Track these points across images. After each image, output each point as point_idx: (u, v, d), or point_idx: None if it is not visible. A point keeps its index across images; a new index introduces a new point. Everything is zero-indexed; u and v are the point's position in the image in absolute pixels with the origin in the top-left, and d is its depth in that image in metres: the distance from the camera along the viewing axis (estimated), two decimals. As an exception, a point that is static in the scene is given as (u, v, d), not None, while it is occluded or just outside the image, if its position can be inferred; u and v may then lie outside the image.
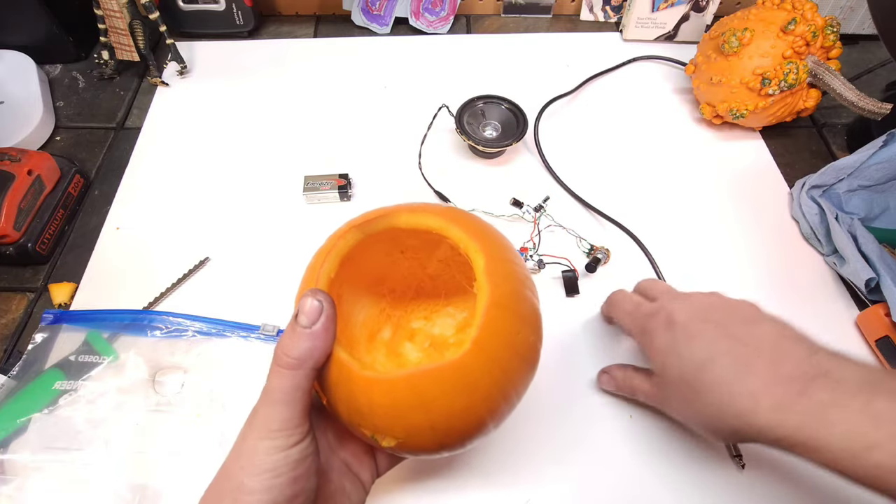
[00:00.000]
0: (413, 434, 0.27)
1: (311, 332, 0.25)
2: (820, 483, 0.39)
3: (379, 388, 0.26)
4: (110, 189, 0.56)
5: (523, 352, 0.28)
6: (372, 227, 0.31)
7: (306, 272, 0.30)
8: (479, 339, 0.26)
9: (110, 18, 0.60)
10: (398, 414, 0.26)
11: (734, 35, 0.53)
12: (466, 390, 0.26)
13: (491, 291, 0.27)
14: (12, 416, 0.41)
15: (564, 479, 0.40)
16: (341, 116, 0.62)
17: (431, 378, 0.26)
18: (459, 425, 0.27)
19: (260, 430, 0.25)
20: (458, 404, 0.26)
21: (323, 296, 0.26)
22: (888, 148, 0.50)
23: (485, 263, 0.28)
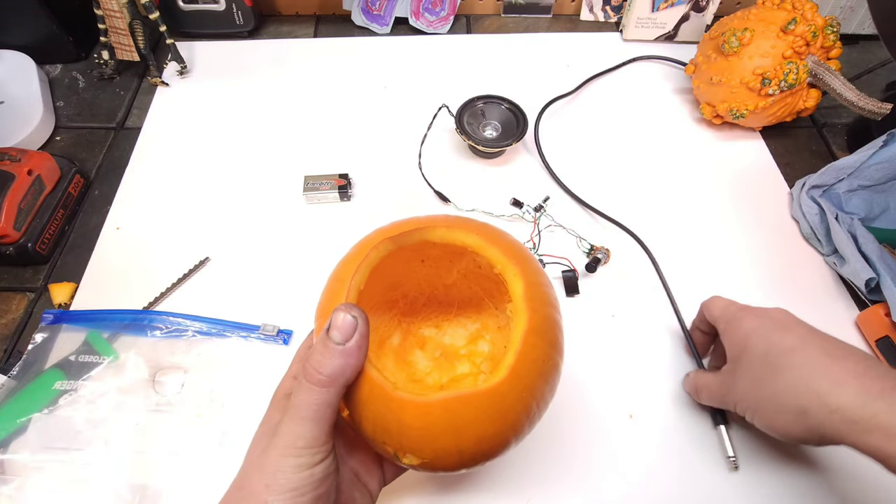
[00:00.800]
0: (440, 456, 0.26)
1: (345, 349, 0.24)
2: (813, 484, 0.39)
3: (412, 410, 0.25)
4: (110, 189, 0.56)
5: (551, 376, 0.28)
6: (405, 240, 0.30)
7: (333, 281, 0.30)
8: (516, 366, 0.26)
9: (110, 18, 0.60)
10: (429, 437, 0.26)
11: (734, 35, 0.53)
12: (500, 417, 0.26)
13: (529, 318, 0.27)
14: (12, 416, 0.41)
15: (564, 480, 0.40)
16: (341, 116, 0.62)
17: (467, 404, 0.25)
18: (486, 448, 0.27)
19: (286, 447, 0.24)
20: (490, 430, 0.26)
21: (357, 311, 0.25)
22: (888, 148, 0.50)
23: (523, 289, 0.28)
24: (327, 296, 0.29)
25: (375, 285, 0.31)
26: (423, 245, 0.31)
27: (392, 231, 0.30)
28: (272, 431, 0.25)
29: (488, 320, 0.38)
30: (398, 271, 0.36)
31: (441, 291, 0.38)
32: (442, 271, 0.37)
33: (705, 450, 0.41)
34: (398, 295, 0.38)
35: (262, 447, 0.25)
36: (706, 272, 0.50)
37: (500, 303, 0.37)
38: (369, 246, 0.30)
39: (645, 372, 0.44)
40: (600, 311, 0.48)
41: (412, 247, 0.31)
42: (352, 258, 0.30)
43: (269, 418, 0.28)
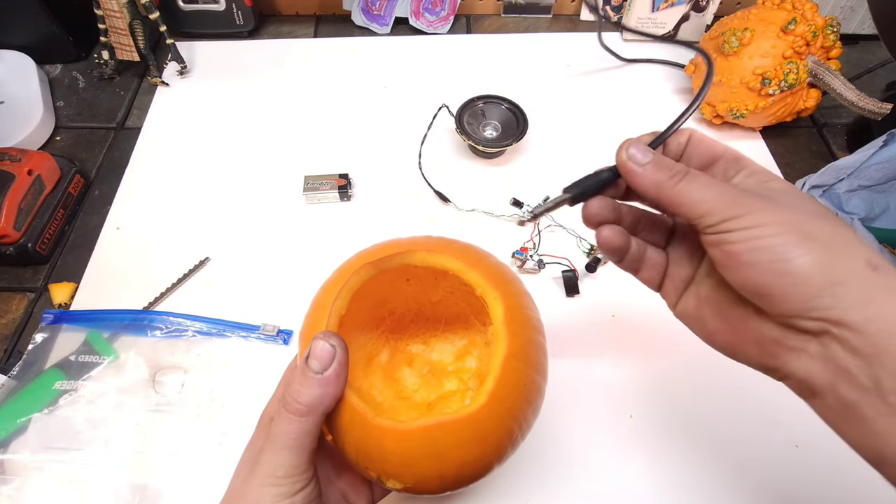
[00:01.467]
0: (422, 481, 0.26)
1: (323, 378, 0.24)
2: (826, 487, 0.39)
3: (393, 437, 0.25)
4: (110, 189, 0.56)
5: (533, 398, 0.28)
6: (386, 265, 0.30)
7: (315, 307, 0.30)
8: (496, 391, 0.26)
9: (110, 18, 0.60)
10: (410, 462, 0.26)
11: (734, 35, 0.53)
12: (480, 442, 0.26)
13: (509, 343, 0.27)
14: (12, 416, 0.41)
15: (564, 479, 0.40)
16: (341, 116, 0.62)
17: (447, 430, 0.25)
18: (468, 473, 0.27)
19: (266, 477, 0.24)
20: (471, 455, 0.26)
21: (336, 339, 0.25)
22: (888, 148, 0.50)
23: (503, 313, 0.28)
24: (309, 321, 0.29)
25: (362, 304, 0.31)
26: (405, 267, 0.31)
27: (373, 255, 0.30)
28: (255, 459, 0.25)
29: (475, 336, 0.38)
30: (384, 289, 0.36)
31: (428, 308, 0.38)
32: (428, 288, 0.37)
33: (708, 449, 0.41)
34: (385, 312, 0.38)
35: (243, 475, 0.25)
36: (706, 272, 0.50)
37: (486, 319, 0.36)
38: (350, 271, 0.30)
39: (645, 372, 0.44)
40: (600, 311, 0.48)
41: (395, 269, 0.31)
42: (333, 283, 0.30)
43: (254, 443, 0.27)
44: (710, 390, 0.44)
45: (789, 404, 0.41)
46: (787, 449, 0.41)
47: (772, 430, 0.42)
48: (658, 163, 0.26)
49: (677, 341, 0.46)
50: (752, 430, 0.42)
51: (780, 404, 0.42)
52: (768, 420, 0.42)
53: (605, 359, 0.45)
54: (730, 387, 0.44)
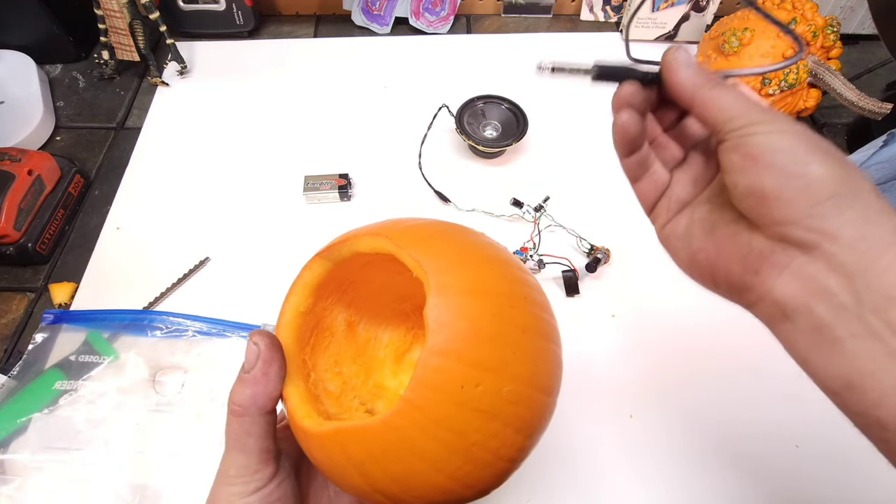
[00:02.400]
0: (362, 495, 0.23)
1: (249, 377, 0.25)
2: (826, 487, 0.39)
3: (314, 441, 0.24)
4: (110, 189, 0.56)
5: (490, 407, 0.22)
6: (336, 254, 0.28)
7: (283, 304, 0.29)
8: (411, 397, 0.21)
9: (110, 18, 0.60)
10: (337, 472, 0.23)
11: (734, 35, 0.53)
12: (402, 455, 0.21)
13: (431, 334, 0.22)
14: (12, 416, 0.41)
15: (564, 479, 0.40)
16: (341, 116, 0.62)
17: (353, 438, 0.22)
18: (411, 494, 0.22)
19: (221, 476, 0.25)
20: (396, 470, 0.22)
21: (260, 338, 0.25)
22: (888, 148, 0.50)
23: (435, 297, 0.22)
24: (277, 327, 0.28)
25: (379, 299, 0.30)
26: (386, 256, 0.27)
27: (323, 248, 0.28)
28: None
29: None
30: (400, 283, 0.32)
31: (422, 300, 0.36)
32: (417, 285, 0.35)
33: (709, 448, 0.41)
34: (409, 307, 0.36)
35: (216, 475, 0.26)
36: (706, 272, 0.50)
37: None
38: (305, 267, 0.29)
39: (645, 372, 0.44)
40: (600, 311, 0.48)
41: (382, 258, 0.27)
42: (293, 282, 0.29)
43: None
44: (711, 390, 0.44)
45: (790, 404, 0.42)
46: (788, 449, 0.41)
47: (772, 429, 0.42)
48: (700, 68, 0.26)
49: (677, 341, 0.46)
50: (752, 430, 0.42)
51: (781, 404, 0.43)
52: (768, 420, 0.42)
53: (605, 359, 0.45)
54: (730, 387, 0.44)
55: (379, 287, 0.29)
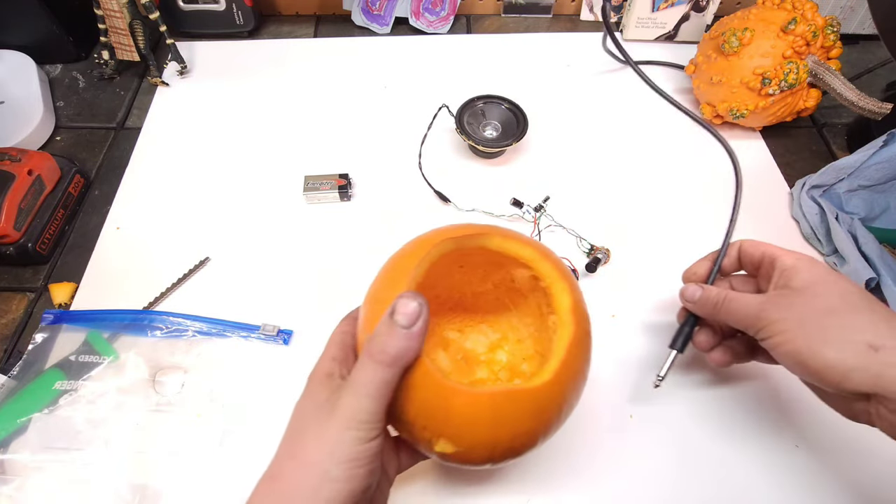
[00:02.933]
0: (474, 446, 0.28)
1: (410, 332, 0.26)
2: (826, 487, 0.39)
3: (462, 398, 0.27)
4: (110, 189, 0.56)
5: (581, 386, 0.31)
6: (466, 243, 0.32)
7: (391, 270, 0.31)
8: (559, 372, 0.28)
9: (110, 18, 0.60)
10: (471, 426, 0.27)
11: (734, 35, 0.53)
12: (536, 416, 0.28)
13: (574, 331, 0.30)
14: (12, 416, 0.41)
15: (564, 479, 0.40)
16: (341, 116, 0.62)
17: (512, 400, 0.27)
18: (517, 445, 0.29)
19: (348, 421, 0.25)
20: (525, 427, 0.28)
21: (422, 299, 0.26)
22: (888, 148, 0.50)
23: (571, 304, 0.31)
24: (384, 283, 0.31)
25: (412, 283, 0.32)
26: (474, 251, 0.32)
27: (454, 233, 0.32)
28: (323, 407, 0.26)
29: (509, 332, 0.39)
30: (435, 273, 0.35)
31: (469, 299, 0.40)
32: (475, 279, 0.38)
33: (709, 449, 0.41)
34: (430, 296, 0.37)
35: (316, 419, 0.26)
36: (706, 272, 0.50)
37: (522, 317, 0.39)
38: (431, 243, 0.31)
39: (645, 372, 0.44)
40: (600, 311, 0.48)
41: (459, 252, 0.32)
42: (412, 252, 0.31)
43: (315, 394, 0.28)
44: (711, 390, 0.44)
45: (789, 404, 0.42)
46: (788, 448, 0.41)
47: (772, 429, 0.42)
48: (704, 298, 0.37)
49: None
50: (752, 430, 0.42)
51: (781, 404, 0.43)
52: (768, 419, 0.42)
53: (605, 359, 0.45)
54: (730, 386, 0.44)
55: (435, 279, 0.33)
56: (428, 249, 0.30)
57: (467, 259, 0.36)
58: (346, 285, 0.49)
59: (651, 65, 0.67)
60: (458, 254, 0.33)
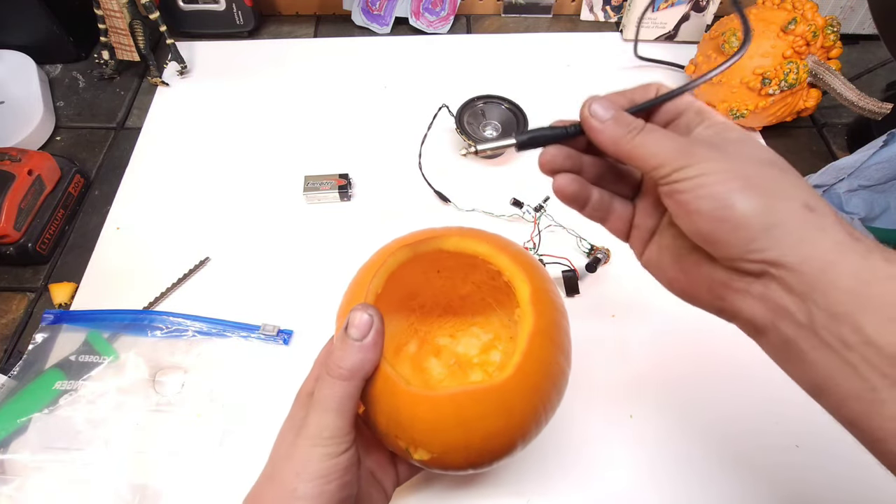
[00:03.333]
0: (448, 451, 0.28)
1: (362, 344, 0.26)
2: (826, 486, 0.39)
3: (424, 404, 0.27)
4: (110, 189, 0.56)
5: (558, 379, 0.29)
6: (421, 248, 0.32)
7: (353, 285, 0.31)
8: (522, 364, 0.27)
9: (110, 18, 0.60)
10: (439, 430, 0.27)
11: (734, 35, 0.53)
12: (505, 413, 0.27)
13: (535, 321, 0.28)
14: (12, 416, 0.41)
15: (564, 479, 0.40)
16: (341, 116, 0.62)
17: (475, 399, 0.27)
18: (492, 446, 0.28)
19: (314, 438, 0.26)
20: (496, 426, 0.27)
21: (373, 310, 0.27)
22: (888, 148, 0.50)
23: (530, 293, 0.30)
24: (347, 298, 0.31)
25: (393, 294, 0.32)
26: (438, 254, 0.32)
27: (409, 240, 0.32)
28: (298, 426, 0.27)
29: (500, 331, 0.40)
30: (416, 281, 0.37)
31: (456, 302, 0.40)
32: (457, 282, 0.39)
33: (705, 449, 0.41)
34: (415, 304, 0.39)
35: (289, 440, 0.27)
36: (706, 272, 0.50)
37: (511, 313, 0.38)
38: (387, 253, 0.31)
39: (645, 372, 0.44)
40: (600, 311, 0.48)
41: (428, 257, 0.32)
42: (371, 264, 0.31)
43: (294, 415, 0.28)
44: (710, 390, 0.44)
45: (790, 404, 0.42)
46: (788, 448, 0.41)
47: (772, 429, 0.42)
48: (617, 118, 0.27)
49: (677, 341, 0.46)
50: (752, 430, 0.42)
51: (781, 404, 0.43)
52: (768, 419, 0.42)
53: (605, 359, 0.45)
54: (730, 386, 0.44)
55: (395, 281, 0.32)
56: (384, 260, 0.31)
57: (442, 263, 0.36)
58: (346, 285, 0.49)
59: (651, 65, 0.67)
60: (429, 260, 0.32)
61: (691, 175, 0.24)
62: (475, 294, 0.39)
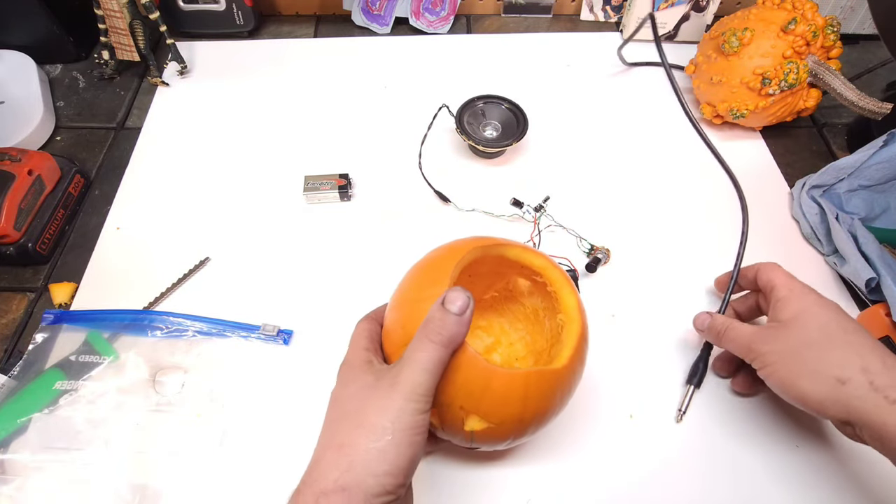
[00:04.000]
0: (505, 422, 0.32)
1: (461, 319, 0.29)
2: (826, 487, 0.39)
3: (500, 379, 0.31)
4: (110, 189, 0.56)
5: (582, 373, 0.35)
6: (491, 251, 0.36)
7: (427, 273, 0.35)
8: (572, 357, 0.33)
9: (110, 18, 0.60)
10: (504, 403, 0.31)
11: (734, 35, 0.53)
12: (555, 394, 0.33)
13: (581, 327, 0.34)
14: (12, 416, 0.41)
15: (564, 479, 0.40)
16: (341, 116, 0.62)
17: (542, 379, 0.32)
18: (538, 420, 0.33)
19: (410, 394, 0.28)
20: (546, 404, 0.32)
21: (468, 293, 0.30)
22: (888, 148, 0.50)
23: (576, 304, 0.35)
24: (420, 285, 0.34)
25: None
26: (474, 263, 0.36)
27: (480, 242, 0.36)
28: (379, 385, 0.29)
29: (502, 337, 0.43)
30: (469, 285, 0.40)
31: (479, 303, 0.43)
32: (481, 288, 0.42)
33: (705, 449, 0.41)
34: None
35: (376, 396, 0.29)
36: (707, 271, 0.50)
37: (516, 322, 0.43)
38: (465, 249, 0.35)
39: (645, 372, 0.44)
40: (600, 311, 0.48)
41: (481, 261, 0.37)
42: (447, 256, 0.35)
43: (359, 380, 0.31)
44: (710, 390, 0.44)
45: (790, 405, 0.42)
46: (787, 449, 0.41)
47: (772, 429, 0.42)
48: (710, 327, 0.42)
49: (677, 341, 0.46)
50: (752, 430, 0.42)
51: (780, 404, 0.43)
52: (768, 420, 0.42)
53: (605, 359, 0.45)
54: (729, 386, 0.44)
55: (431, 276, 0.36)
56: (463, 254, 0.34)
57: (476, 269, 0.39)
58: (345, 285, 0.49)
59: (651, 65, 0.67)
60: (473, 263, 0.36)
61: (759, 367, 0.37)
62: (489, 301, 0.43)
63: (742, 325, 0.40)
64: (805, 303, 0.37)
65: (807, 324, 0.36)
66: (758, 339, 0.37)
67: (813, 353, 0.35)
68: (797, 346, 0.35)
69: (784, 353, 0.36)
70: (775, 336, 0.37)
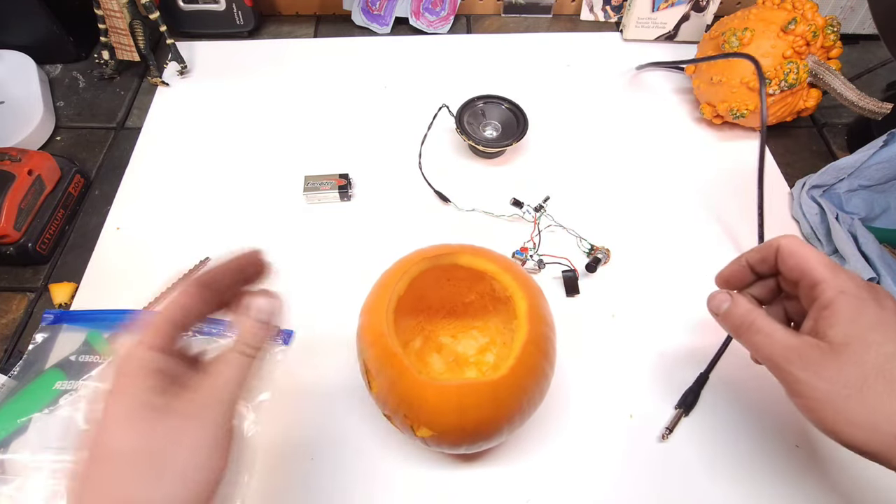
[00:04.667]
0: (446, 431, 0.33)
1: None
2: (826, 487, 0.39)
3: (432, 390, 0.32)
4: (110, 189, 0.56)
5: (541, 381, 0.35)
6: (439, 261, 0.37)
7: (378, 287, 0.37)
8: (514, 367, 0.33)
9: (110, 18, 0.60)
10: (441, 412, 0.32)
11: (734, 35, 0.53)
12: (495, 405, 0.33)
13: (528, 332, 0.34)
14: (13, 416, 0.41)
15: (564, 479, 0.40)
16: (341, 116, 0.62)
17: (473, 391, 0.33)
18: (482, 430, 0.33)
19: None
20: (486, 414, 0.33)
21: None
22: (888, 148, 0.50)
23: (527, 308, 0.35)
24: (374, 298, 0.36)
25: (407, 296, 0.37)
26: (451, 267, 0.38)
27: (429, 253, 0.37)
28: None
29: (496, 336, 0.44)
30: (427, 286, 0.41)
31: (460, 307, 0.45)
32: (463, 290, 0.43)
33: (705, 449, 0.41)
34: (424, 306, 0.44)
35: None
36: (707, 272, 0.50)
37: (507, 322, 0.43)
38: (411, 263, 0.37)
39: (645, 372, 0.44)
40: (600, 311, 0.48)
41: (442, 267, 0.38)
42: (395, 271, 0.37)
43: None
44: (710, 390, 0.44)
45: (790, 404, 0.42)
46: (787, 449, 0.41)
47: (772, 429, 0.42)
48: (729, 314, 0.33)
49: (676, 341, 0.46)
50: (752, 430, 0.42)
51: (780, 404, 0.43)
52: (768, 420, 0.42)
53: (605, 359, 0.45)
54: (729, 386, 0.44)
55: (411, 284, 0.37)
56: (407, 268, 0.36)
57: (452, 273, 0.41)
58: (346, 285, 0.49)
59: (650, 65, 0.67)
60: (442, 269, 0.38)
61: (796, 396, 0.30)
62: (478, 302, 0.44)
63: (772, 326, 0.30)
64: (863, 323, 0.28)
65: (864, 354, 0.28)
66: (795, 360, 0.29)
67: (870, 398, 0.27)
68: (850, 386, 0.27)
69: (831, 392, 0.28)
70: (820, 363, 0.28)
